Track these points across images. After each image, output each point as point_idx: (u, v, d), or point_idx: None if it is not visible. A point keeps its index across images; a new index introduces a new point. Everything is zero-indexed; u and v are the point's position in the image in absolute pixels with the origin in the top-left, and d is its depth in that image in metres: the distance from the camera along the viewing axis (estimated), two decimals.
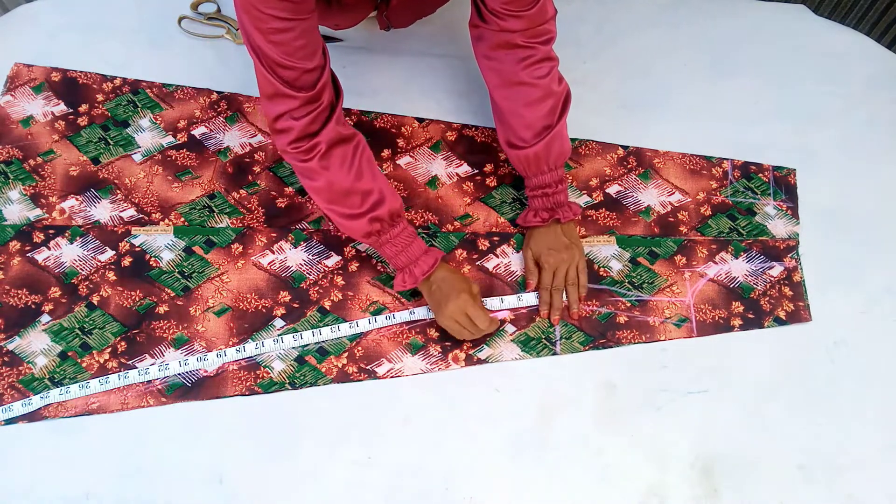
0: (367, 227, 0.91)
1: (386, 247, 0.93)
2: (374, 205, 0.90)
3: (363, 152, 0.92)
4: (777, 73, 1.21)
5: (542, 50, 0.93)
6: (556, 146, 0.96)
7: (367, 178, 0.90)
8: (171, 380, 0.95)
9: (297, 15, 0.81)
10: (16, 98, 1.13)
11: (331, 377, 0.96)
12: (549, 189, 0.99)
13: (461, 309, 0.91)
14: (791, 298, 1.03)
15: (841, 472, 0.92)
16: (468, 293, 0.92)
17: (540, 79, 0.93)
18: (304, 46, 0.83)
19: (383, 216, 0.91)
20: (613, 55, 1.22)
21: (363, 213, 0.90)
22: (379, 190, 0.91)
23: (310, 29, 0.83)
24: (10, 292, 0.99)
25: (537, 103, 0.94)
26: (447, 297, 0.92)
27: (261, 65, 0.83)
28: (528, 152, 0.96)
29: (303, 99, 0.85)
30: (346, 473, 0.91)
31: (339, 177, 0.89)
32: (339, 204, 0.91)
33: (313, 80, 0.85)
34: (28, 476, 0.90)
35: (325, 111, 0.87)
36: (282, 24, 0.80)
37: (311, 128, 0.87)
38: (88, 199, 1.06)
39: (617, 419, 0.94)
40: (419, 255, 0.93)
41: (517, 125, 0.96)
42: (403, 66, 1.20)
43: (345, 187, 0.90)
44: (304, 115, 0.86)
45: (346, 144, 0.90)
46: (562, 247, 1.00)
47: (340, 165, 0.89)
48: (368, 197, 0.90)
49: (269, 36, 0.81)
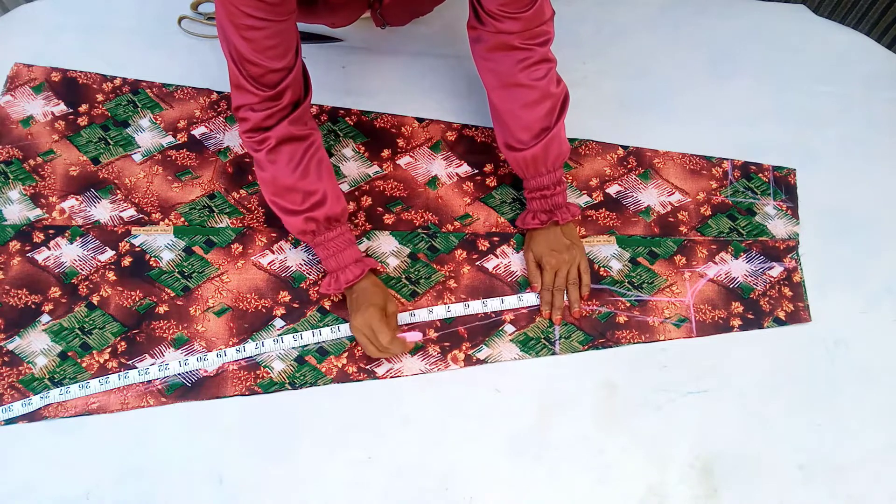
0: (303, 225, 0.92)
1: (319, 248, 0.94)
2: (313, 205, 0.91)
3: (315, 153, 0.92)
4: (777, 73, 1.21)
5: (539, 52, 0.93)
6: (554, 148, 0.96)
7: (312, 178, 0.91)
8: (171, 380, 0.95)
9: (271, 16, 0.82)
10: (16, 98, 1.13)
11: (331, 377, 0.96)
12: (548, 191, 0.99)
13: (367, 322, 0.91)
14: (791, 299, 1.03)
15: (841, 472, 0.92)
16: (378, 308, 0.91)
17: (537, 80, 0.93)
18: (274, 47, 0.84)
19: (319, 218, 0.91)
20: (613, 55, 1.22)
21: (301, 211, 0.91)
22: (322, 192, 0.91)
23: (284, 31, 0.85)
24: (10, 292, 0.99)
25: (535, 105, 0.94)
26: (359, 308, 0.92)
27: (229, 56, 0.85)
28: (526, 154, 0.96)
29: (263, 96, 0.87)
30: (346, 473, 0.91)
31: (283, 173, 0.90)
32: (280, 198, 0.92)
33: (277, 79, 0.87)
34: (28, 476, 0.89)
35: (284, 110, 0.89)
36: (255, 23, 0.82)
37: (265, 122, 0.88)
38: (88, 199, 1.06)
39: (617, 419, 0.94)
40: (349, 262, 0.94)
41: (515, 127, 0.96)
42: (403, 66, 1.20)
43: (287, 184, 0.91)
44: (263, 109, 0.88)
45: (297, 143, 0.91)
46: (563, 247, 1.00)
47: (287, 162, 0.90)
48: (309, 197, 0.91)
49: (242, 31, 0.82)
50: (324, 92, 1.16)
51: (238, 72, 0.86)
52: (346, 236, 0.94)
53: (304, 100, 0.92)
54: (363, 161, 1.11)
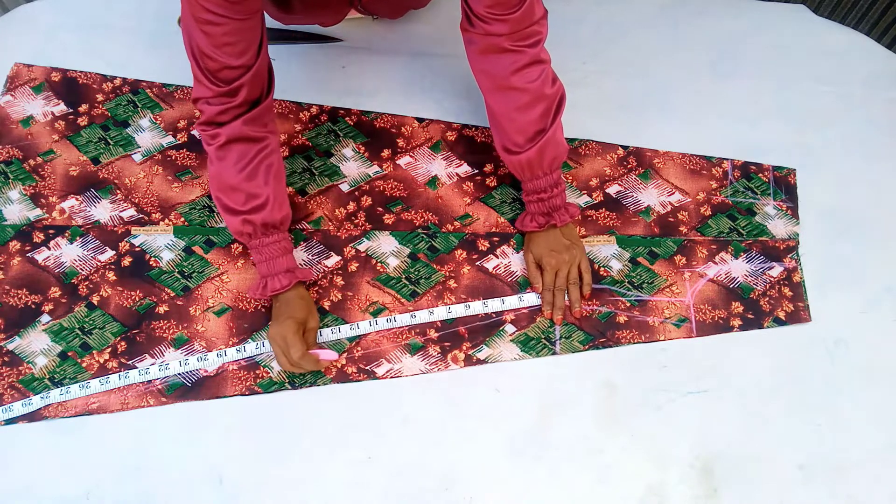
0: (240, 226, 0.92)
1: (254, 252, 0.94)
2: (253, 208, 0.91)
3: (266, 157, 0.92)
4: (777, 73, 1.21)
5: (530, 53, 0.91)
6: (550, 150, 0.96)
7: (258, 181, 0.91)
8: (171, 379, 0.95)
9: (231, 14, 0.83)
10: (16, 98, 1.13)
11: (330, 377, 0.96)
12: (545, 194, 0.98)
13: (282, 333, 0.90)
14: (791, 299, 1.03)
15: (841, 472, 0.92)
16: (296, 321, 0.91)
17: (531, 83, 0.92)
18: (232, 43, 0.85)
19: (256, 221, 0.91)
20: (613, 55, 1.22)
21: (241, 211, 0.91)
22: (266, 196, 0.91)
23: (244, 29, 0.85)
24: (10, 292, 0.99)
25: (528, 108, 0.94)
26: (278, 318, 0.92)
27: (189, 48, 0.86)
28: (522, 158, 0.96)
29: (217, 91, 0.87)
30: (346, 473, 0.91)
31: (230, 171, 0.91)
32: (224, 195, 0.92)
33: (233, 76, 0.87)
34: (28, 476, 0.90)
35: (239, 107, 0.89)
36: (214, 18, 0.82)
37: (219, 117, 0.89)
38: (88, 199, 1.06)
39: (617, 419, 0.94)
40: (279, 271, 0.93)
41: (510, 129, 0.96)
42: (403, 66, 1.20)
43: (232, 183, 0.91)
44: (217, 104, 0.88)
45: (249, 143, 0.91)
46: (562, 248, 1.00)
47: (236, 161, 0.90)
48: (252, 199, 0.91)
49: (201, 25, 0.83)
50: (324, 92, 1.16)
51: (195, 64, 0.86)
52: (282, 244, 0.94)
53: (264, 100, 0.92)
54: (363, 161, 1.11)
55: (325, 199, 1.08)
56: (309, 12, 1.05)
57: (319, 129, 1.13)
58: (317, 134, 1.13)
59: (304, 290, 0.96)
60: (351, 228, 1.05)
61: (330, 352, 0.94)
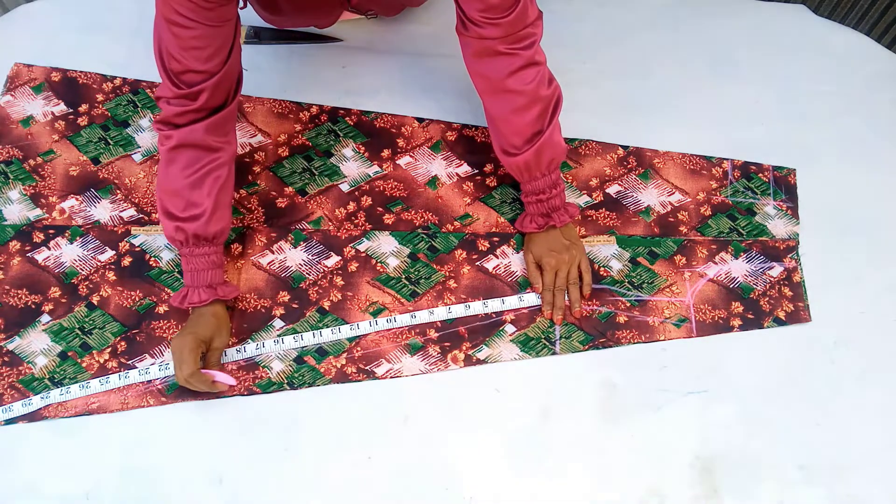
0: (172, 232, 0.91)
1: (183, 260, 0.93)
2: (190, 217, 0.90)
3: (215, 168, 0.91)
4: (777, 73, 1.21)
5: (524, 55, 0.91)
6: (548, 152, 0.95)
7: (202, 192, 0.90)
8: (171, 379, 0.95)
9: (203, 19, 0.83)
10: (16, 98, 1.13)
11: (329, 377, 0.96)
12: (544, 195, 0.98)
13: (180, 347, 0.89)
14: (791, 299, 1.03)
15: (841, 472, 0.92)
16: (197, 338, 0.89)
17: (526, 85, 0.92)
18: (200, 48, 0.85)
19: (189, 231, 0.90)
20: (613, 55, 1.22)
21: (177, 217, 0.90)
22: (205, 208, 0.90)
23: (214, 35, 0.85)
24: (10, 292, 0.99)
25: (525, 110, 0.93)
26: (184, 329, 0.92)
27: (156, 46, 0.86)
28: (519, 160, 0.96)
29: (177, 93, 0.87)
30: (346, 473, 0.91)
31: (176, 175, 0.90)
32: (165, 197, 0.91)
33: (196, 80, 0.87)
34: (28, 476, 0.90)
35: (197, 112, 0.89)
36: (185, 21, 0.83)
37: (176, 119, 0.89)
38: (88, 199, 1.06)
39: (617, 419, 0.94)
40: (201, 284, 0.92)
41: (507, 132, 0.96)
42: (403, 66, 1.20)
43: (175, 187, 0.90)
44: (177, 105, 0.88)
45: (200, 151, 0.90)
46: (562, 248, 1.00)
47: (184, 167, 0.90)
48: (191, 208, 0.90)
49: (171, 26, 0.83)
50: (324, 92, 1.16)
51: (160, 63, 0.87)
52: (212, 258, 0.92)
53: (226, 107, 0.91)
54: (363, 161, 1.11)
55: (325, 199, 1.08)
56: (299, 15, 1.04)
57: (319, 129, 1.13)
58: (317, 134, 1.13)
59: (222, 308, 0.94)
60: (351, 228, 1.05)
61: (227, 376, 0.92)
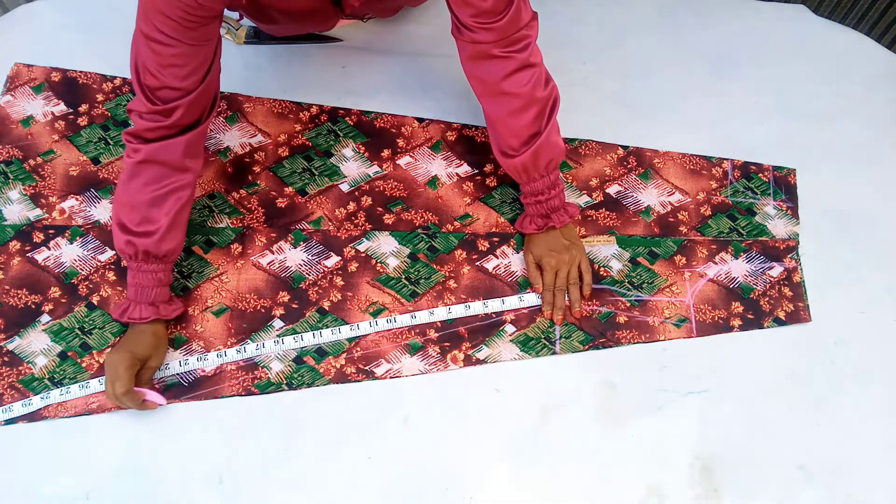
0: (123, 245, 0.90)
1: (129, 273, 0.92)
2: (143, 233, 0.89)
3: (180, 189, 0.90)
4: (777, 73, 1.21)
5: (519, 58, 0.91)
6: (546, 153, 0.95)
7: (161, 210, 0.89)
8: (169, 379, 0.95)
9: (185, 38, 0.82)
10: (16, 98, 1.13)
11: (329, 378, 0.96)
12: (543, 196, 0.98)
13: (115, 364, 0.88)
14: (791, 299, 1.03)
15: (841, 472, 0.92)
16: (133, 356, 0.89)
17: (522, 87, 0.92)
18: (178, 66, 0.84)
19: (139, 246, 0.89)
20: (613, 55, 1.22)
21: (130, 231, 0.89)
22: (160, 226, 0.89)
23: (194, 55, 0.84)
24: (10, 292, 0.99)
25: (521, 112, 0.93)
26: (121, 346, 0.91)
27: (133, 60, 0.85)
28: (517, 162, 0.96)
29: (151, 108, 0.86)
30: (346, 473, 0.91)
31: (137, 189, 0.89)
32: (122, 209, 0.90)
33: (171, 97, 0.86)
34: (28, 476, 0.90)
35: (169, 129, 0.87)
36: (164, 38, 0.82)
37: (146, 133, 0.87)
38: (88, 199, 1.06)
39: (617, 419, 0.94)
40: (144, 301, 0.91)
41: (505, 133, 0.96)
42: (403, 66, 1.20)
43: (134, 201, 0.89)
44: (149, 121, 0.87)
45: (167, 170, 0.89)
46: (562, 248, 1.00)
47: (146, 182, 0.88)
48: (146, 224, 0.89)
49: (150, 42, 0.82)
50: (324, 92, 1.16)
51: (136, 78, 0.85)
52: (159, 276, 0.91)
53: (198, 126, 0.90)
54: (363, 161, 1.11)
55: (325, 199, 1.08)
56: (294, 25, 1.04)
57: (319, 129, 1.13)
58: (317, 134, 1.13)
59: (162, 328, 0.94)
60: (351, 228, 1.05)
61: (157, 395, 0.92)
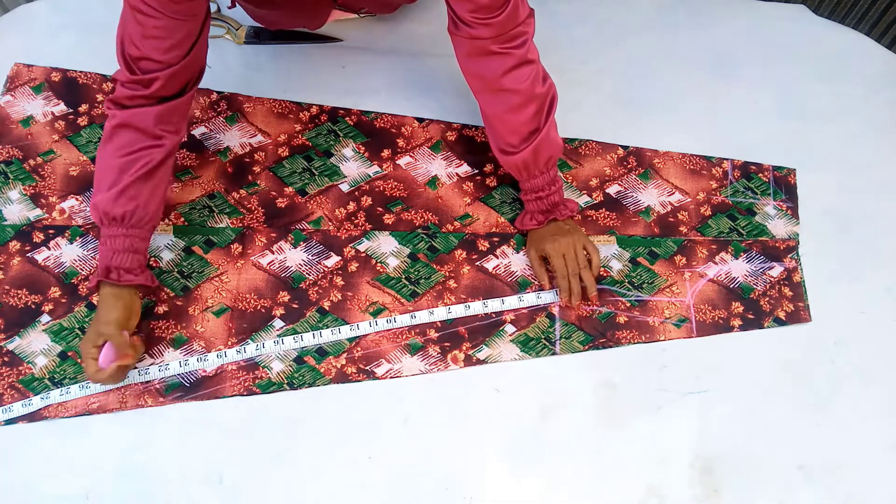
0: (91, 209, 0.91)
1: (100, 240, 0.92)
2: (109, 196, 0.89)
3: (148, 157, 0.90)
4: (777, 73, 1.21)
5: (517, 54, 0.91)
6: (545, 150, 0.95)
7: (127, 173, 0.89)
8: (170, 379, 0.95)
9: (168, 12, 0.84)
10: (16, 98, 1.13)
11: (329, 378, 0.96)
12: (543, 192, 0.98)
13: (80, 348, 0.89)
14: (791, 299, 1.03)
15: (841, 472, 0.92)
16: (92, 333, 0.88)
17: (520, 84, 0.92)
18: (160, 38, 0.85)
19: (98, 206, 0.89)
20: (613, 55, 1.22)
21: (97, 193, 0.90)
22: (121, 187, 0.88)
23: (177, 29, 0.86)
24: (10, 292, 0.99)
25: (520, 109, 0.93)
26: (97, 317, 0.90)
27: (119, 31, 0.87)
28: (517, 159, 0.96)
29: (131, 77, 0.87)
30: (346, 473, 0.91)
31: (109, 153, 0.90)
32: (97, 173, 0.91)
33: (151, 69, 0.87)
34: (28, 476, 0.90)
35: (146, 99, 0.89)
36: (148, 10, 0.83)
37: (124, 101, 0.89)
38: (88, 200, 1.06)
39: (617, 419, 0.94)
40: (104, 265, 0.89)
41: (503, 131, 0.96)
42: (403, 66, 1.20)
43: (106, 165, 0.90)
44: (129, 89, 0.88)
45: (140, 135, 0.89)
46: (564, 232, 0.99)
47: (119, 147, 0.89)
48: (113, 186, 0.89)
49: (135, 13, 0.84)
50: (324, 92, 1.16)
51: (119, 48, 0.87)
52: (119, 241, 0.89)
53: (177, 98, 0.91)
54: (363, 161, 1.11)
55: (325, 199, 1.08)
56: (286, 9, 1.04)
57: (319, 129, 1.13)
58: (317, 134, 1.13)
59: (117, 290, 0.90)
60: (351, 228, 1.05)
61: (108, 352, 0.88)
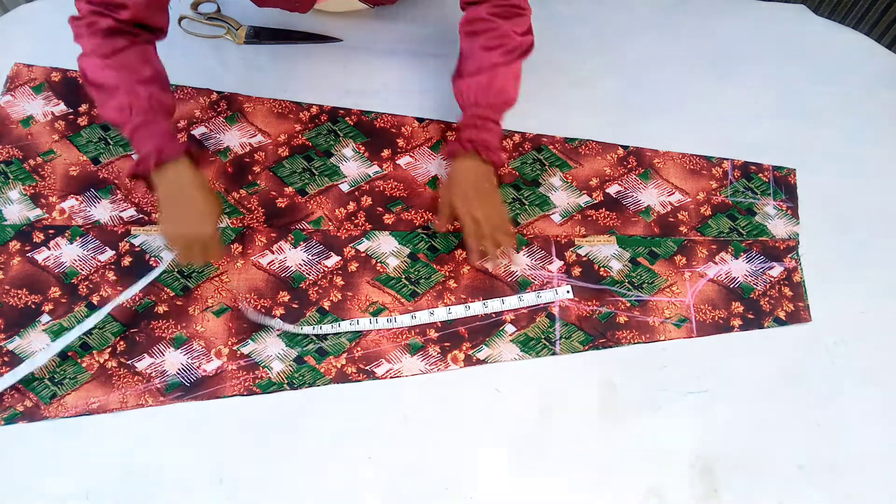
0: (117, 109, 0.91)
1: (134, 139, 0.92)
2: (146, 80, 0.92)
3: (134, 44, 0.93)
4: (777, 73, 1.21)
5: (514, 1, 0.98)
6: (499, 84, 0.98)
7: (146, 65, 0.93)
8: (171, 379, 0.95)
9: None
10: (16, 98, 1.13)
11: (329, 377, 0.96)
12: (480, 121, 0.98)
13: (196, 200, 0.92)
14: (791, 299, 1.03)
15: (841, 472, 0.92)
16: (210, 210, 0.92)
17: (504, 21, 0.97)
18: None
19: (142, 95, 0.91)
20: (613, 55, 1.22)
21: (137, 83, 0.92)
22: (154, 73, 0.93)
23: None
24: (10, 292, 0.99)
25: (492, 48, 0.98)
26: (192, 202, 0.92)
27: None
28: (470, 81, 0.98)
29: (91, 9, 0.91)
30: (346, 473, 0.91)
31: (94, 59, 0.92)
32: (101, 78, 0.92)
33: None
34: (28, 476, 0.90)
35: (118, 21, 0.91)
36: None
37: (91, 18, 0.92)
38: (88, 199, 1.06)
39: (617, 419, 0.94)
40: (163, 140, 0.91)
41: (468, 61, 1.00)
42: (403, 66, 1.20)
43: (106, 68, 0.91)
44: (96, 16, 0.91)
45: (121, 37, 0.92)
46: (478, 189, 0.97)
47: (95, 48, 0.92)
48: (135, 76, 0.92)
49: None
50: (324, 92, 1.16)
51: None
52: (160, 126, 0.92)
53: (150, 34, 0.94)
54: (363, 161, 1.11)
55: (325, 199, 1.08)
56: None
57: (319, 129, 1.13)
58: (317, 134, 1.13)
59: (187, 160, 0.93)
60: (351, 228, 1.06)
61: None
